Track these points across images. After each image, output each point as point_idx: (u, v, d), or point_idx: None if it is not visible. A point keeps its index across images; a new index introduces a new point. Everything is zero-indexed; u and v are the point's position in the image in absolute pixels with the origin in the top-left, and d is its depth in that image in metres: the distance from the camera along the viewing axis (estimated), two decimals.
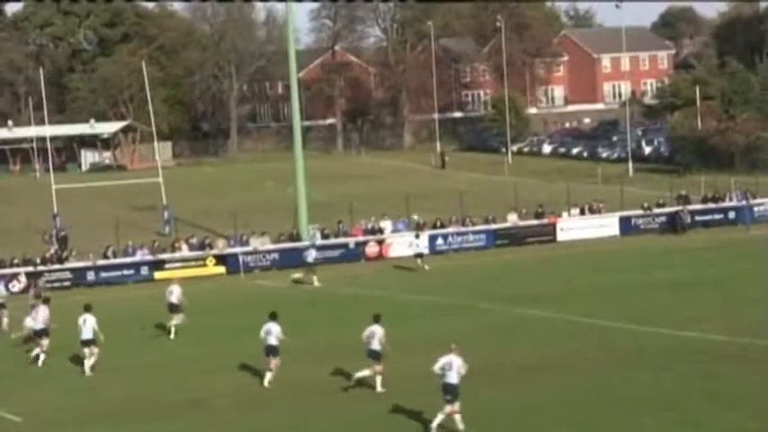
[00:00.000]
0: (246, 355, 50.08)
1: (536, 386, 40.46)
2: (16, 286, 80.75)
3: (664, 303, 57.17)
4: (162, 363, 48.46)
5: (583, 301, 58.20)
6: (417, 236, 79.65)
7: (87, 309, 50.66)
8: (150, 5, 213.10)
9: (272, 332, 46.20)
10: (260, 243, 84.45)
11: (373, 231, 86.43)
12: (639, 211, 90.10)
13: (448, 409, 36.37)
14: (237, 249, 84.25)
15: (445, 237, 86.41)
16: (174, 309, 59.42)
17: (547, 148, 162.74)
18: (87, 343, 50.56)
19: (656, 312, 54.20)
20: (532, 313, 42.54)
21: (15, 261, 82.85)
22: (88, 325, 49.79)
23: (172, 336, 56.25)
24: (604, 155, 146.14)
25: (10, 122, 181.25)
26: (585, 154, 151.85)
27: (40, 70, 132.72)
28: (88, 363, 49.96)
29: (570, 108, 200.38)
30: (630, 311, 54.77)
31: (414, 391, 41.24)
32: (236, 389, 44.57)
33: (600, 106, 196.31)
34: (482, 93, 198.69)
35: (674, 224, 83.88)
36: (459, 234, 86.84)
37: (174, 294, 60.37)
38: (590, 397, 36.04)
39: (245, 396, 43.43)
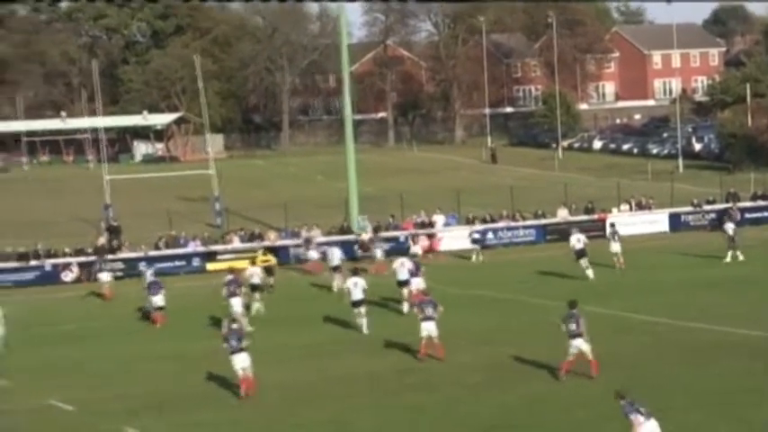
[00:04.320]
0: (300, 347, 50.57)
1: (584, 381, 40.62)
2: (69, 276, 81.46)
3: (711, 300, 57.02)
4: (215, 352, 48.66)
5: (632, 298, 58.18)
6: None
7: None
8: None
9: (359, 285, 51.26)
10: (311, 236, 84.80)
11: (424, 225, 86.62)
12: (689, 208, 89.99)
13: None
14: (288, 242, 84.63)
15: (495, 231, 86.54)
16: (256, 288, 60.77)
17: (597, 144, 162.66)
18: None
19: (703, 309, 54.01)
20: (583, 309, 42.40)
21: (67, 251, 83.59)
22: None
23: (251, 323, 55.17)
24: (654, 151, 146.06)
25: (63, 113, 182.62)
26: (636, 150, 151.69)
27: (94, 62, 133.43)
28: None
29: (621, 104, 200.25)
30: (678, 307, 54.61)
31: (459, 384, 42.03)
32: (288, 381, 44.80)
33: (650, 103, 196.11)
34: (533, 88, 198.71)
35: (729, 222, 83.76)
36: (509, 229, 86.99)
37: (256, 276, 61.37)
38: (638, 392, 36.09)
39: (296, 388, 43.75)
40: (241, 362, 42.51)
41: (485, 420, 36.91)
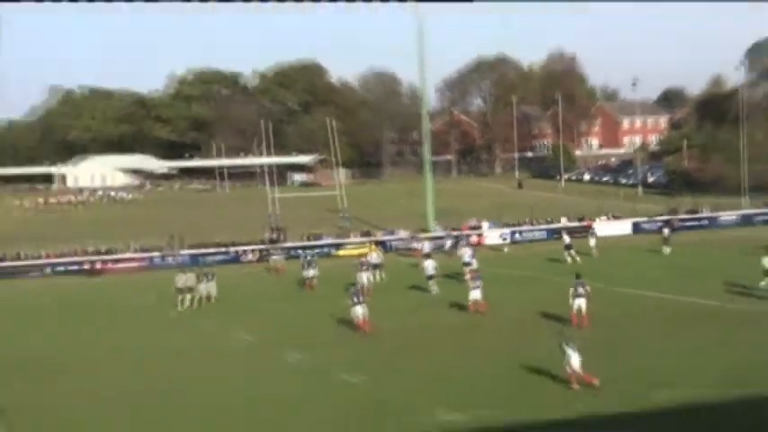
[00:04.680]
0: (403, 306, 50.77)
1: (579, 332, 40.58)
2: (247, 257, 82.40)
3: (658, 276, 56.57)
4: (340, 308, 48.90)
5: (605, 276, 56.41)
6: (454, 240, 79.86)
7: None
8: (334, 80, 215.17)
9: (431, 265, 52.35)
10: (402, 234, 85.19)
11: (474, 228, 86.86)
12: (645, 218, 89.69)
13: None
14: (388, 237, 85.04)
15: (521, 232, 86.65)
16: (377, 267, 60.79)
17: (587, 177, 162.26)
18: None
19: (654, 282, 53.50)
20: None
21: (247, 242, 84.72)
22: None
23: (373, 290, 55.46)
24: (624, 182, 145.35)
25: (242, 153, 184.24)
26: (612, 181, 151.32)
27: (262, 121, 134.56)
28: None
29: (602, 152, 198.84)
30: (636, 280, 54.43)
31: (497, 330, 41.90)
32: (397, 328, 44.81)
33: (621, 151, 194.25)
34: (545, 141, 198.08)
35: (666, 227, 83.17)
36: (529, 231, 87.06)
37: (375, 256, 61.82)
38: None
39: (402, 333, 43.96)
40: (360, 312, 43.17)
41: (518, 352, 36.49)
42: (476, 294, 46.42)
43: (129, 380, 36.14)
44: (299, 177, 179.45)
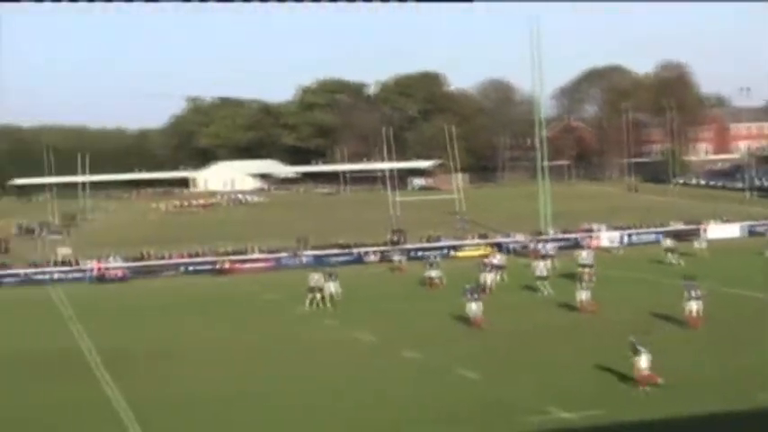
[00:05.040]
0: (516, 303, 50.53)
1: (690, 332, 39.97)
2: (370, 258, 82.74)
3: None
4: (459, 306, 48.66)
5: (726, 279, 55.21)
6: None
7: None
8: (452, 88, 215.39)
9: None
10: (518, 236, 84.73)
11: (588, 230, 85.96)
12: (755, 222, 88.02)
13: None
14: (504, 239, 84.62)
15: (631, 235, 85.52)
16: (500, 268, 60.68)
17: (699, 182, 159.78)
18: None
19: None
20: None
21: (369, 244, 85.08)
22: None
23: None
24: (734, 186, 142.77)
25: (365, 159, 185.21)
26: (721, 185, 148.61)
27: (383, 129, 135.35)
28: None
29: (712, 157, 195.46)
30: (760, 284, 52.84)
31: (605, 330, 41.36)
32: (510, 327, 44.69)
33: (731, 156, 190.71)
34: (657, 146, 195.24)
35: None
36: (641, 233, 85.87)
37: (497, 258, 61.76)
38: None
39: (517, 332, 43.60)
40: (474, 308, 43.62)
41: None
42: (585, 295, 46.12)
43: (251, 378, 36.47)
44: (418, 182, 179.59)
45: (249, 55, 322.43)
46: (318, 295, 55.46)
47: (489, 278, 56.38)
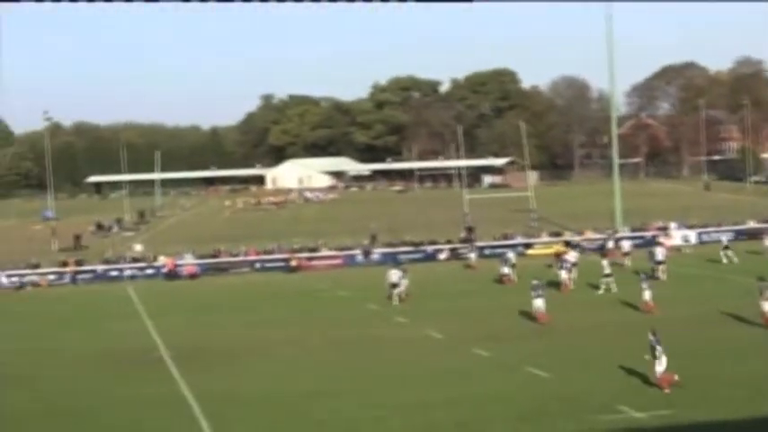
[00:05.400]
0: (581, 300, 50.20)
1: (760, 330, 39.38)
2: (442, 255, 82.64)
3: None
4: (526, 303, 48.49)
5: None
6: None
7: None
8: (526, 86, 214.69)
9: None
10: (590, 234, 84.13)
11: (661, 228, 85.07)
12: None
13: None
14: (573, 237, 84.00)
15: (707, 233, 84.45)
16: (575, 265, 59.67)
17: None
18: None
19: None
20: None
21: (441, 241, 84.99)
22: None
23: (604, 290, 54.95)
24: None
25: (440, 157, 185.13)
26: None
27: (459, 127, 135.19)
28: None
29: None
30: None
31: (667, 327, 40.98)
32: (576, 323, 44.41)
33: None
34: (732, 144, 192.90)
35: None
36: (715, 232, 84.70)
37: (573, 255, 61.42)
38: None
39: (579, 329, 43.44)
40: (538, 304, 44.49)
41: (696, 351, 35.93)
42: (648, 294, 45.89)
43: (321, 376, 36.55)
44: (490, 179, 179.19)
45: (322, 53, 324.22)
46: (396, 291, 55.83)
47: (564, 274, 56.20)
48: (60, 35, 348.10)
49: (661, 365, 30.17)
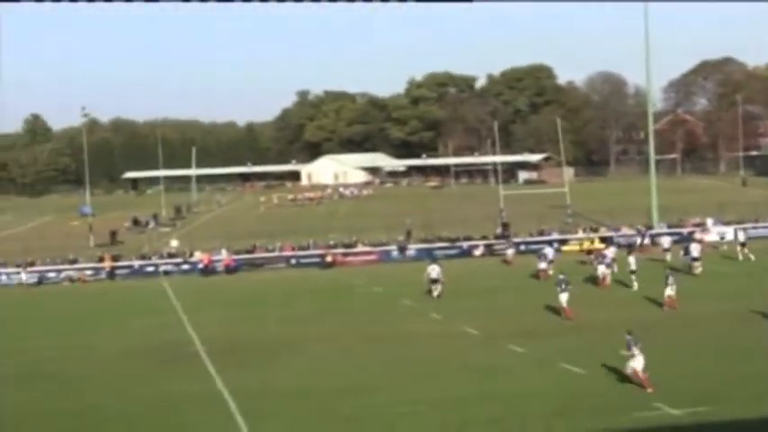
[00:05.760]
0: (611, 297, 49.95)
1: None
2: (477, 251, 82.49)
3: None
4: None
5: None
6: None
7: None
8: (562, 82, 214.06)
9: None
10: (626, 230, 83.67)
11: (698, 225, 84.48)
12: None
13: None
14: (611, 233, 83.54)
15: (744, 229, 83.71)
16: (613, 261, 59.51)
17: None
18: None
19: None
20: None
21: (476, 237, 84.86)
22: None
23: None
24: None
25: (476, 153, 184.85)
26: None
27: (495, 123, 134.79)
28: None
29: None
30: None
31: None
32: (603, 319, 44.26)
33: None
34: None
35: None
36: (753, 228, 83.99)
37: (611, 251, 61.14)
38: None
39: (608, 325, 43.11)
40: (564, 298, 45.02)
41: (726, 348, 35.79)
42: (671, 290, 45.65)
43: (357, 371, 36.56)
44: (525, 175, 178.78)
45: (359, 48, 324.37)
46: (434, 286, 56.09)
47: (604, 270, 56.08)
48: (99, 32, 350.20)
49: (639, 364, 30.20)
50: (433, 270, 56.84)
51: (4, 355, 45.23)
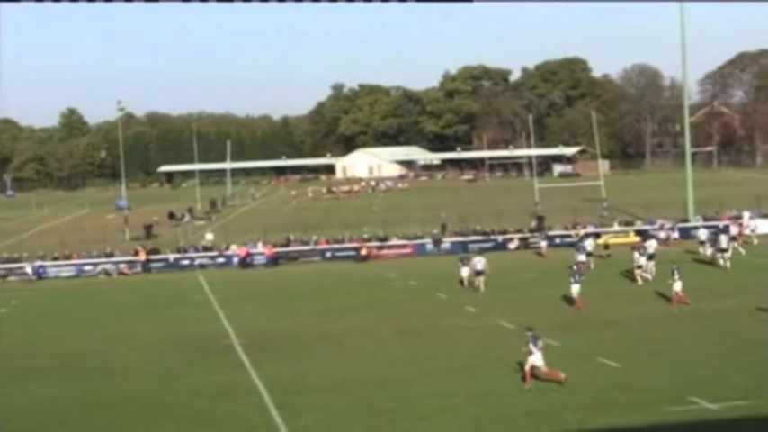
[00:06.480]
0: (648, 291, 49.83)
1: None
2: (512, 245, 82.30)
3: None
4: (592, 294, 48.38)
5: None
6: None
7: None
8: (597, 75, 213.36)
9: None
10: (665, 223, 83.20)
11: (734, 218, 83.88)
12: None
13: None
14: (646, 227, 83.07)
15: None
16: (651, 257, 58.31)
17: None
18: None
19: None
20: None
21: (511, 230, 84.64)
22: None
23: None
24: None
25: (511, 146, 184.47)
26: None
27: (530, 116, 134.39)
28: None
29: None
30: None
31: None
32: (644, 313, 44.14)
33: None
34: None
35: None
36: None
37: (653, 244, 60.88)
38: None
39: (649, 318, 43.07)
40: (575, 290, 46.48)
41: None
42: (679, 285, 45.25)
43: (391, 364, 36.47)
44: (560, 168, 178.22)
45: (393, 42, 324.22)
46: (479, 278, 56.59)
47: (643, 261, 56.01)
48: (134, 27, 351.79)
49: (538, 361, 30.59)
50: (479, 262, 57.32)
51: (47, 347, 45.59)
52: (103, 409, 31.61)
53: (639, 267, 55.15)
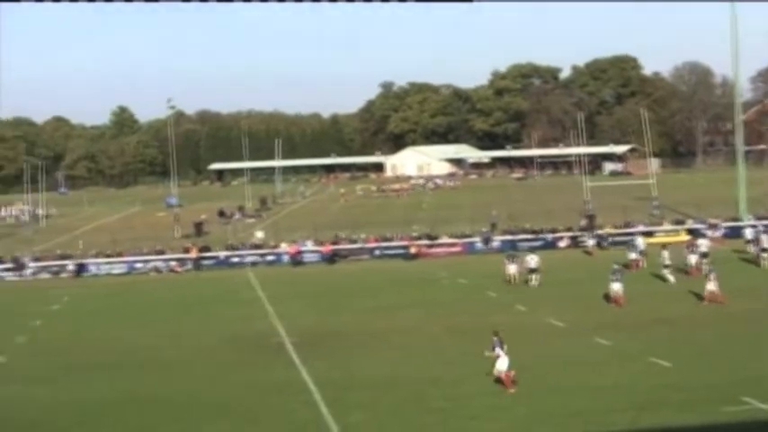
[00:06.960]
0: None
1: None
2: (562, 243, 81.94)
3: None
4: (640, 292, 48.09)
5: None
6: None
7: None
8: (647, 73, 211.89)
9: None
10: (714, 221, 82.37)
11: None
12: None
13: None
14: (700, 225, 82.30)
15: None
16: (705, 255, 58.11)
17: None
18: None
19: None
20: None
21: (560, 229, 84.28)
22: None
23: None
24: None
25: (560, 144, 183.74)
26: None
27: (579, 114, 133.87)
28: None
29: None
30: None
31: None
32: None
33: None
34: None
35: None
36: None
37: (705, 243, 60.33)
38: None
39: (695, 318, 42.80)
40: (615, 288, 46.61)
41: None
42: (712, 286, 44.96)
43: (442, 363, 36.54)
44: (611, 166, 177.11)
45: (443, 40, 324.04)
46: (534, 276, 57.14)
47: (693, 259, 55.80)
48: (185, 26, 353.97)
49: (503, 365, 30.80)
50: (532, 260, 57.81)
51: (99, 344, 46.06)
52: (156, 405, 31.95)
53: (667, 267, 54.80)
